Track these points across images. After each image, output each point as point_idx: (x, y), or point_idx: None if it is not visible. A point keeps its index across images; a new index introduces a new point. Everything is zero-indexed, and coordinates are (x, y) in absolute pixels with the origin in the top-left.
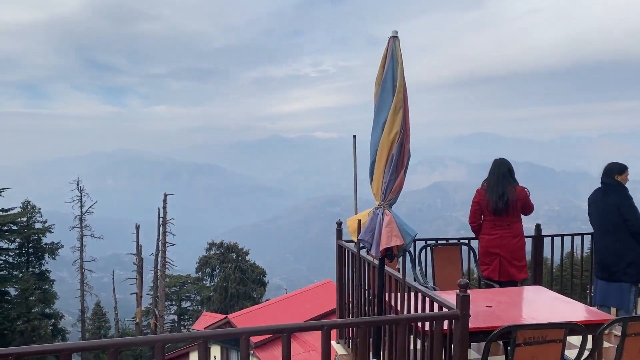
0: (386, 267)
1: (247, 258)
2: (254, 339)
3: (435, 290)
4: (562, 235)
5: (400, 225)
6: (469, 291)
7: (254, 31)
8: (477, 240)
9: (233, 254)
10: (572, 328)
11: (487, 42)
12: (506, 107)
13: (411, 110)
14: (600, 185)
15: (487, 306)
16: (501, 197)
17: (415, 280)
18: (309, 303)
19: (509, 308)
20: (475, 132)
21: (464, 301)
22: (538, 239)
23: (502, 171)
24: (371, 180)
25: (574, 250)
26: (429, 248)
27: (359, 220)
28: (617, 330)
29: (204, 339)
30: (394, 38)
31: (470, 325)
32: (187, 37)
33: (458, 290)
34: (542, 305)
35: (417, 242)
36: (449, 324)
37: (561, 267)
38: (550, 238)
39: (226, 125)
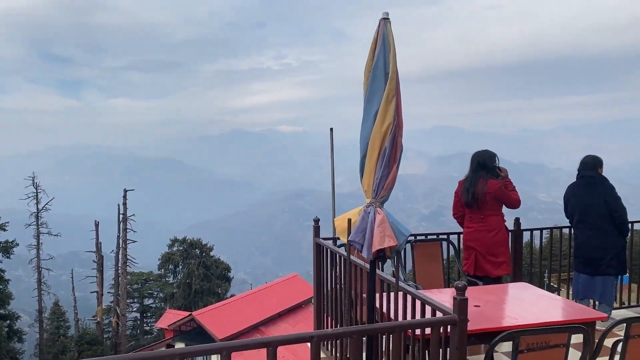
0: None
1: (212, 254)
2: (221, 336)
3: (418, 288)
4: (541, 229)
5: (393, 224)
6: (452, 290)
7: (217, 23)
8: (456, 236)
9: (197, 249)
10: (575, 330)
11: (449, 37)
12: (467, 101)
13: None
14: (578, 179)
15: (475, 306)
16: (468, 189)
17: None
18: (276, 297)
19: (497, 307)
20: (437, 125)
21: (462, 305)
22: (517, 233)
23: (474, 164)
24: (361, 176)
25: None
26: (408, 244)
27: (349, 220)
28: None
29: (180, 357)
30: (385, 20)
31: None
32: (148, 28)
33: (455, 293)
34: (529, 303)
35: None
36: (444, 329)
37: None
38: (529, 232)
39: (188, 119)
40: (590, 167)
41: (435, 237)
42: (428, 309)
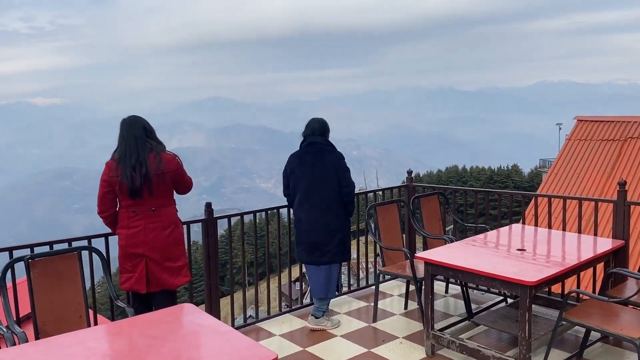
0: None
1: None
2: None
3: (16, 341)
4: (242, 214)
5: None
6: (68, 336)
7: None
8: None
9: None
10: None
11: (218, 7)
12: (239, 72)
13: (144, 74)
14: (303, 147)
15: None
16: (137, 169)
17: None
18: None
19: None
20: (211, 96)
21: None
22: (210, 222)
23: (134, 133)
24: None
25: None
26: (21, 263)
27: None
28: None
29: None
30: None
31: None
32: None
33: None
34: (176, 347)
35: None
36: None
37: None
38: (227, 219)
39: None
40: (319, 132)
41: (67, 246)
42: None
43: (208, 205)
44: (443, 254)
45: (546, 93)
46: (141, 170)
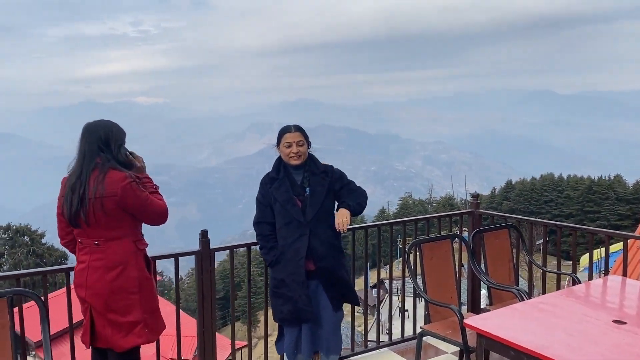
0: None
1: (44, 241)
2: (35, 338)
3: None
4: (248, 245)
5: None
6: None
7: None
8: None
9: (25, 237)
10: None
11: (308, 10)
12: (326, 73)
13: (237, 76)
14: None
15: None
16: (76, 189)
17: None
18: None
19: None
20: (299, 98)
21: None
22: (205, 255)
23: (87, 143)
24: None
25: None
26: None
27: None
28: None
29: None
30: None
31: None
32: None
33: None
34: None
35: None
36: None
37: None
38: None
39: (29, 90)
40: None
41: (15, 283)
42: None
43: (204, 234)
44: (502, 322)
45: None
46: (80, 191)
